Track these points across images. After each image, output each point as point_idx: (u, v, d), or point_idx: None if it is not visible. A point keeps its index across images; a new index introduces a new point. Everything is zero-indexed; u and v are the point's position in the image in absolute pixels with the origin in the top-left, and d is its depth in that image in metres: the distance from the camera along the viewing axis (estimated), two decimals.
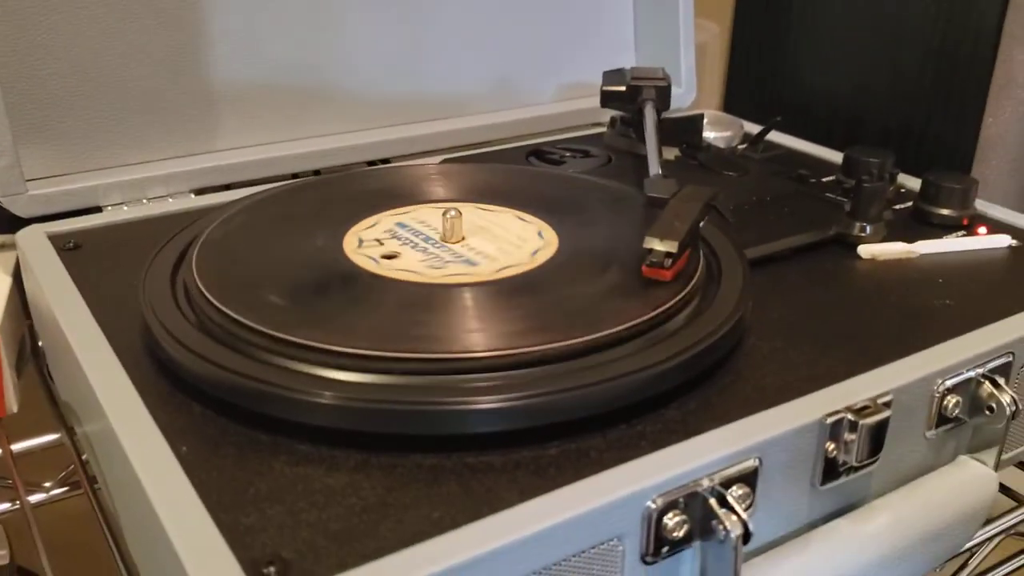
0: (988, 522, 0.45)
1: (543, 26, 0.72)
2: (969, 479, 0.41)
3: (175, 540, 0.29)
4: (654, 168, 0.49)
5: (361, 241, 0.45)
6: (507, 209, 0.48)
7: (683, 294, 0.40)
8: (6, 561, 0.40)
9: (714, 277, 0.43)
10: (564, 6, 0.73)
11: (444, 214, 0.45)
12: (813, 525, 0.38)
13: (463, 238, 0.45)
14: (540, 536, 0.30)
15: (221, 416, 0.36)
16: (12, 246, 0.58)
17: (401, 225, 0.46)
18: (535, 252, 0.44)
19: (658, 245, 0.41)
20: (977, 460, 0.42)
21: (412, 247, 0.44)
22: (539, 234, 0.46)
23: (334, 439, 0.34)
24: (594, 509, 0.31)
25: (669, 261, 0.41)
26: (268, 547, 0.29)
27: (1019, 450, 0.45)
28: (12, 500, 0.50)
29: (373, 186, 0.52)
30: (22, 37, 0.53)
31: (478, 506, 0.31)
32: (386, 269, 0.42)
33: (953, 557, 0.42)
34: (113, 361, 0.39)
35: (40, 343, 0.52)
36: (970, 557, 0.45)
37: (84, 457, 0.50)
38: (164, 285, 0.42)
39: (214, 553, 0.29)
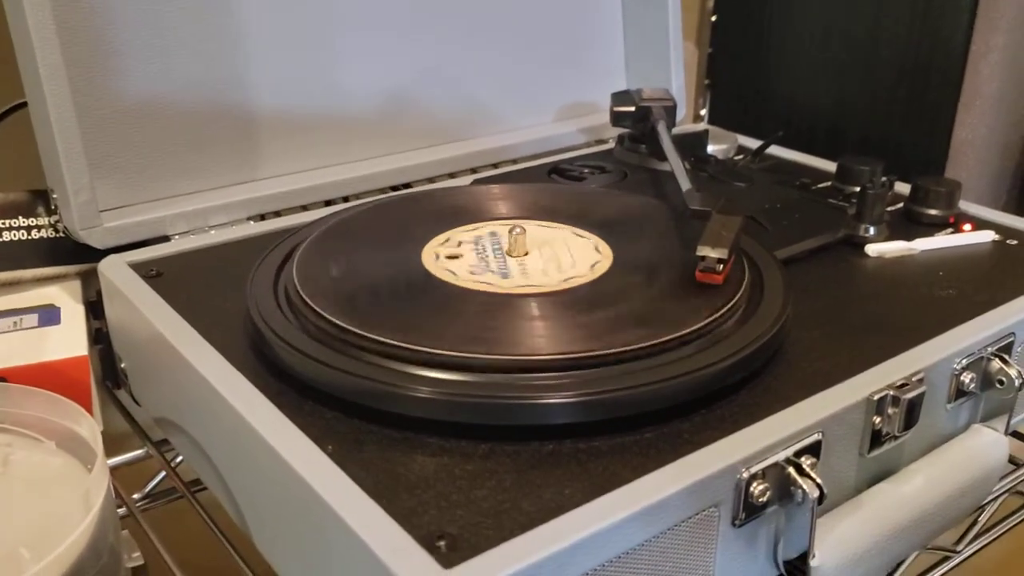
0: None
1: (539, 51, 0.78)
2: (985, 444, 0.47)
3: (354, 526, 0.34)
4: (685, 183, 0.55)
5: (438, 255, 0.49)
6: (562, 225, 0.54)
7: (739, 295, 0.46)
8: (142, 562, 0.44)
9: (755, 279, 0.49)
10: (558, 30, 0.78)
11: (510, 231, 0.50)
12: (858, 489, 0.44)
13: (527, 252, 0.50)
14: (658, 505, 0.35)
15: (351, 418, 0.40)
16: (75, 276, 0.61)
17: (474, 240, 0.51)
18: (594, 264, 0.49)
19: (710, 252, 0.47)
20: (989, 427, 0.49)
21: (483, 260, 0.49)
22: (596, 248, 0.51)
23: (460, 432, 0.39)
24: (698, 480, 0.37)
25: (720, 266, 0.47)
26: (433, 525, 0.34)
27: (1020, 417, 0.52)
28: None
29: (441, 205, 0.56)
30: (86, 78, 0.57)
31: (600, 483, 0.36)
32: (471, 282, 0.47)
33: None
34: (239, 376, 0.43)
35: (122, 365, 0.55)
36: (980, 513, 0.52)
37: (173, 466, 0.54)
38: (271, 303, 0.46)
39: (392, 533, 0.34)
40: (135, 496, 0.55)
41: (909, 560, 0.48)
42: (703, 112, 1.04)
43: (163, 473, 0.55)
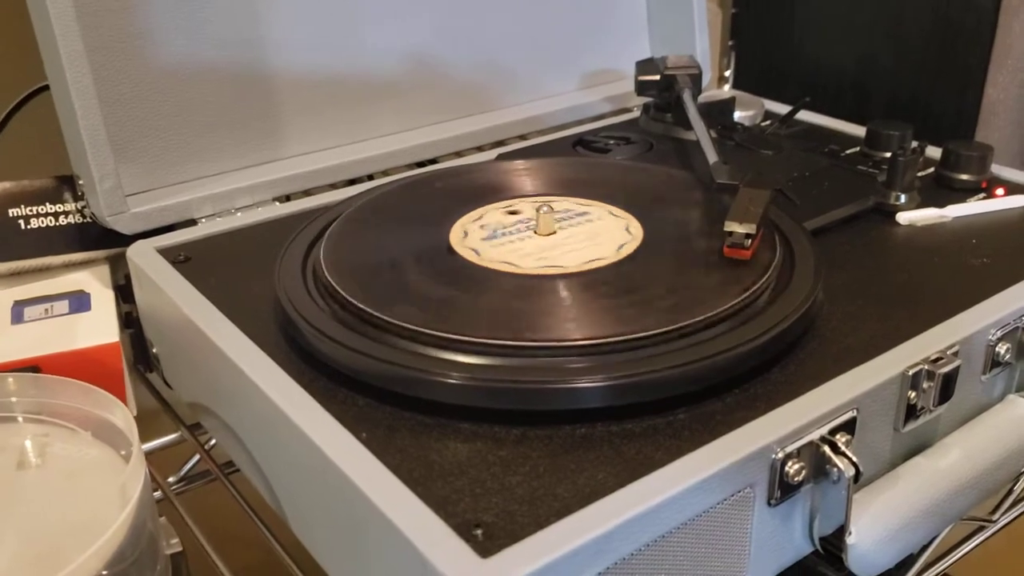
0: None
1: (560, 16, 0.76)
2: (1021, 415, 0.47)
3: (391, 515, 0.34)
4: (712, 156, 0.54)
5: (466, 235, 0.49)
6: (591, 201, 0.53)
7: (770, 272, 0.45)
8: (180, 548, 0.44)
9: (785, 253, 0.49)
10: None
11: (537, 209, 0.49)
12: (893, 463, 0.44)
13: (555, 231, 0.50)
14: (693, 489, 0.35)
15: (384, 405, 0.40)
16: (103, 261, 0.62)
17: (501, 219, 0.51)
18: (624, 242, 0.49)
19: (738, 228, 0.46)
20: None
21: (512, 240, 0.49)
22: (625, 224, 0.51)
23: (493, 417, 0.39)
24: (733, 463, 0.36)
25: (748, 241, 0.46)
26: (468, 513, 0.34)
27: None
28: None
29: (466, 183, 0.56)
30: (107, 65, 0.57)
31: (634, 467, 0.36)
32: (499, 263, 0.46)
33: None
34: (271, 363, 0.43)
35: (154, 350, 0.56)
36: (1015, 483, 0.51)
37: (207, 448, 0.54)
38: (300, 289, 0.46)
39: (427, 522, 0.34)
40: (170, 480, 0.55)
41: (945, 531, 0.47)
42: (727, 73, 1.03)
43: (197, 456, 0.56)
